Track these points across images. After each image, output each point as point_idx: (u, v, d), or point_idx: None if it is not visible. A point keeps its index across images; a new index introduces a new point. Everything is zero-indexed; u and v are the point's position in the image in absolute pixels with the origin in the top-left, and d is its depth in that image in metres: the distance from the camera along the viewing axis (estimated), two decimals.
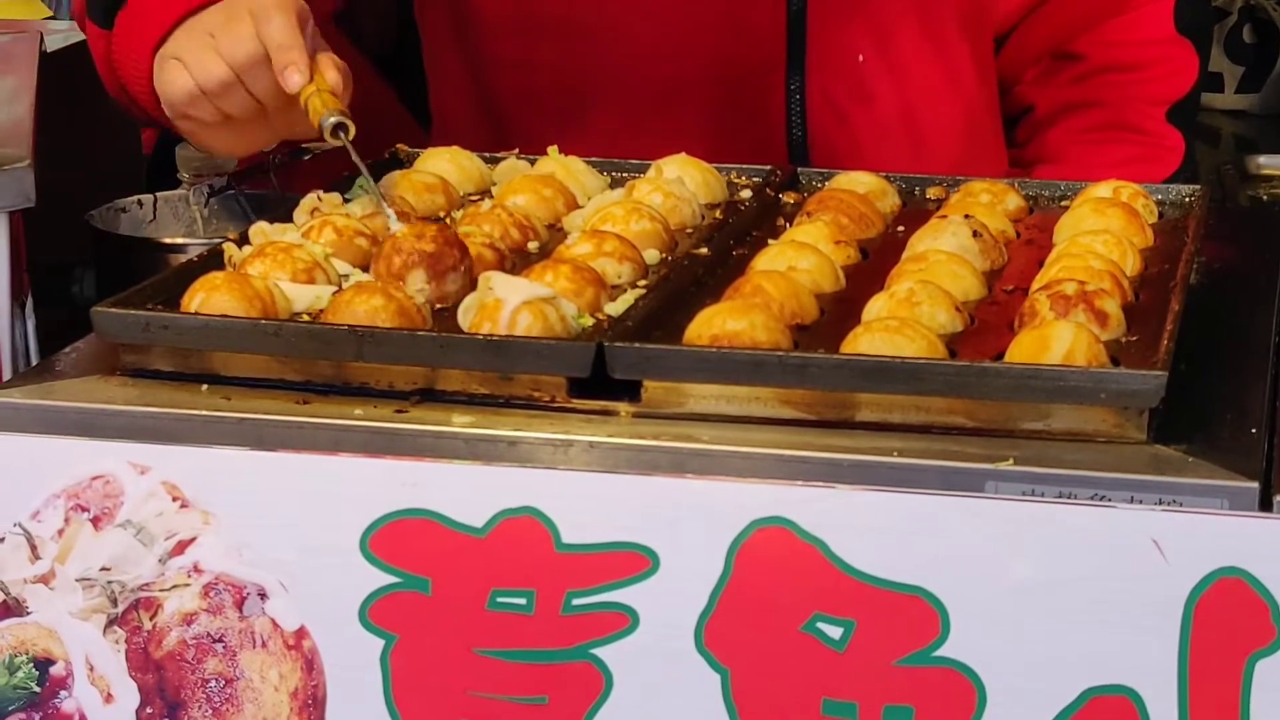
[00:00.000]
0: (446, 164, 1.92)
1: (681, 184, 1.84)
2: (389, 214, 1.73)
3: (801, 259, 1.64)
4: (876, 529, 1.26)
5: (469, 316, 1.54)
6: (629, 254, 1.67)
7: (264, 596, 1.33)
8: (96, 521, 1.35)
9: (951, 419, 1.44)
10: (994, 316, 1.58)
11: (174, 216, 2.39)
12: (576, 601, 1.29)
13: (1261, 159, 3.34)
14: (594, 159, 1.93)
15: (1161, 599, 1.23)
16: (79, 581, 1.35)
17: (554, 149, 1.93)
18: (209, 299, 1.55)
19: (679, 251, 1.72)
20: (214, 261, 1.66)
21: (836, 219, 1.77)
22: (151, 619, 1.35)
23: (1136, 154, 2.26)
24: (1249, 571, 1.22)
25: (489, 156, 1.96)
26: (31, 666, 1.36)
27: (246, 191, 2.35)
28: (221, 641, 1.34)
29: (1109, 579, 1.24)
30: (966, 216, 1.71)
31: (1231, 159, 3.40)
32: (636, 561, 1.29)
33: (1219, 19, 3.70)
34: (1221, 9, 3.73)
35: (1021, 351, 1.46)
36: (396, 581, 1.32)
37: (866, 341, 1.48)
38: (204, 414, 1.49)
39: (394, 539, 1.32)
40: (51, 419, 1.50)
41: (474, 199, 1.88)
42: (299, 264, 1.62)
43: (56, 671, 1.36)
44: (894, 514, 1.26)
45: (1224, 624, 1.23)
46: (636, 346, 1.48)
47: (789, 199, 1.89)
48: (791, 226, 1.77)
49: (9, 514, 1.36)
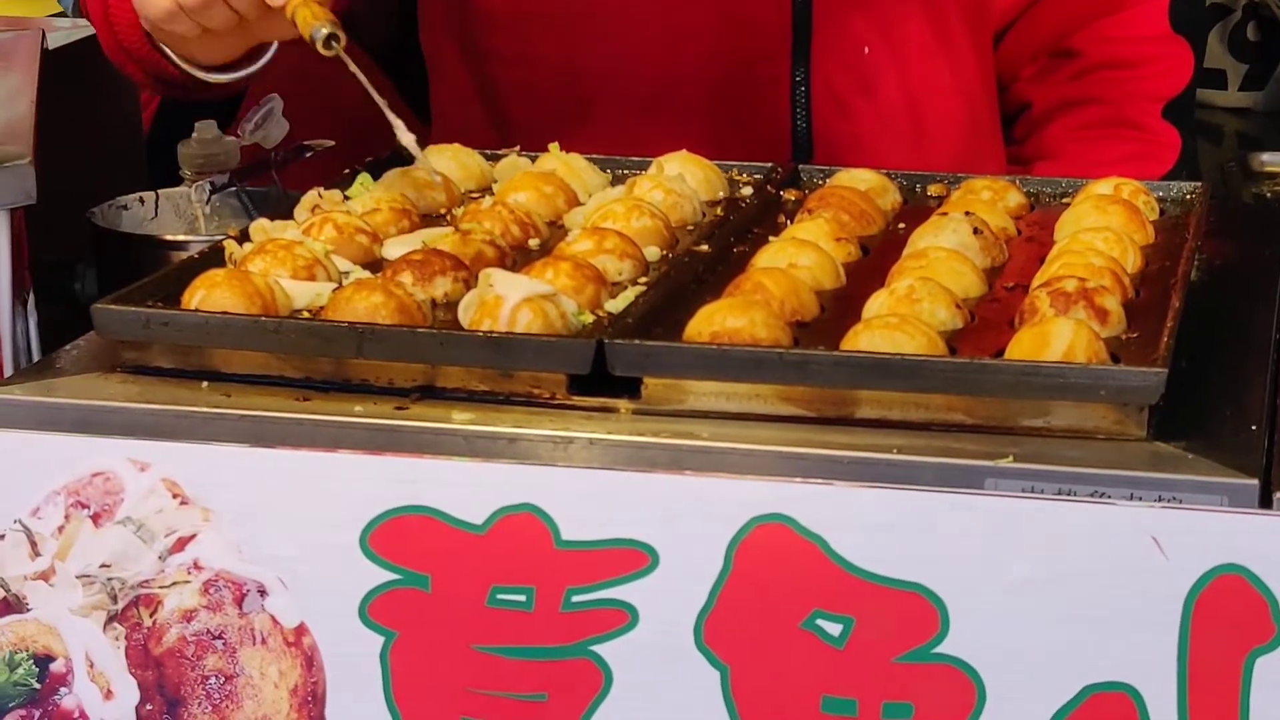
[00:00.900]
0: (448, 161, 1.92)
1: (682, 181, 1.84)
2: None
3: (802, 256, 1.64)
4: (876, 526, 1.26)
5: (469, 313, 1.54)
6: (630, 251, 1.67)
7: (264, 593, 1.34)
8: (96, 518, 1.35)
9: (951, 416, 1.44)
10: (994, 313, 1.58)
11: (175, 214, 2.38)
12: (576, 598, 1.29)
13: (1264, 156, 3.34)
14: (595, 156, 1.93)
15: (1161, 596, 1.23)
16: (79, 578, 1.35)
17: (555, 146, 1.93)
18: (209, 296, 1.55)
19: (680, 248, 1.72)
20: (214, 258, 1.66)
21: (837, 216, 1.76)
22: (151, 616, 1.35)
23: (1134, 151, 2.26)
24: (1249, 568, 1.22)
25: (490, 154, 1.96)
26: (31, 663, 1.36)
27: (248, 188, 2.35)
28: (221, 638, 1.34)
29: (1109, 576, 1.24)
30: (967, 214, 1.71)
31: (1234, 156, 3.40)
32: (636, 558, 1.29)
33: (1223, 16, 3.70)
34: (1225, 6, 3.72)
35: (1022, 348, 1.46)
36: (396, 578, 1.32)
37: (867, 338, 1.48)
38: (204, 411, 1.49)
39: (394, 536, 1.32)
40: (52, 416, 1.50)
41: (475, 196, 1.88)
42: (299, 261, 1.62)
43: (56, 668, 1.36)
44: (894, 511, 1.26)
45: (1224, 621, 1.23)
46: (637, 343, 1.49)
47: (790, 196, 1.89)
48: (792, 223, 1.77)
49: (9, 511, 1.36)
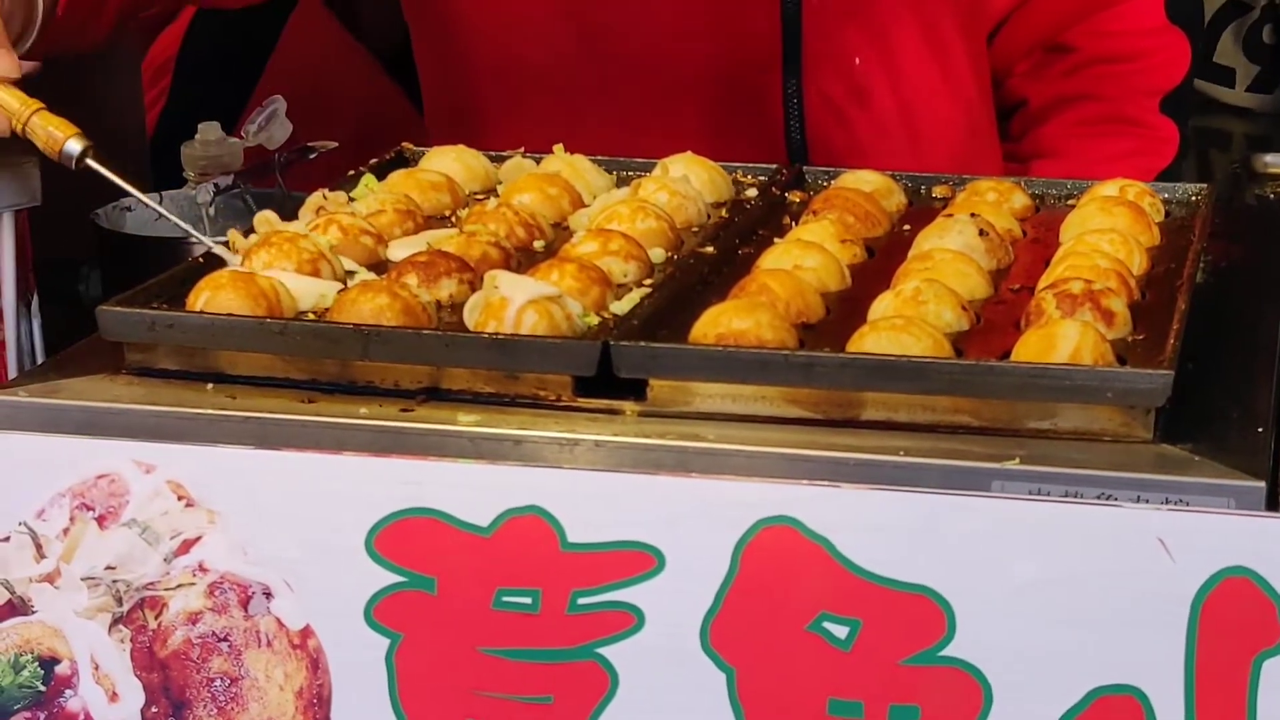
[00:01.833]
0: (452, 162, 1.92)
1: (687, 183, 1.84)
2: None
3: (807, 258, 1.64)
4: (882, 528, 1.26)
5: (474, 315, 1.54)
6: (634, 253, 1.67)
7: (269, 595, 1.33)
8: (102, 520, 1.35)
9: (957, 418, 1.44)
10: (1000, 315, 1.57)
11: (179, 215, 2.39)
12: (582, 601, 1.29)
13: (1268, 157, 3.33)
14: (600, 157, 1.93)
15: (1168, 598, 1.23)
16: (84, 580, 1.35)
17: (559, 147, 1.93)
18: (214, 297, 1.55)
19: (684, 250, 1.72)
20: (219, 260, 1.66)
21: (842, 218, 1.76)
22: (156, 618, 1.35)
23: (1132, 147, 2.26)
24: (1256, 571, 1.22)
25: (495, 155, 1.96)
26: (36, 665, 1.36)
27: (252, 190, 2.36)
28: (226, 640, 1.34)
29: (1115, 578, 1.23)
30: (973, 215, 1.71)
31: (1240, 158, 3.39)
32: (642, 560, 1.29)
33: (1240, 14, 3.69)
34: (1245, 4, 3.72)
35: (1028, 350, 1.46)
36: (402, 580, 1.32)
37: (872, 340, 1.47)
38: (209, 413, 1.49)
39: (399, 538, 1.32)
40: (57, 418, 1.50)
41: (479, 198, 1.88)
42: (304, 254, 1.62)
43: (61, 671, 1.36)
44: (900, 513, 1.26)
45: (1231, 624, 1.23)
46: (642, 345, 1.48)
47: (795, 197, 1.89)
48: (797, 225, 1.77)
49: (14, 513, 1.36)
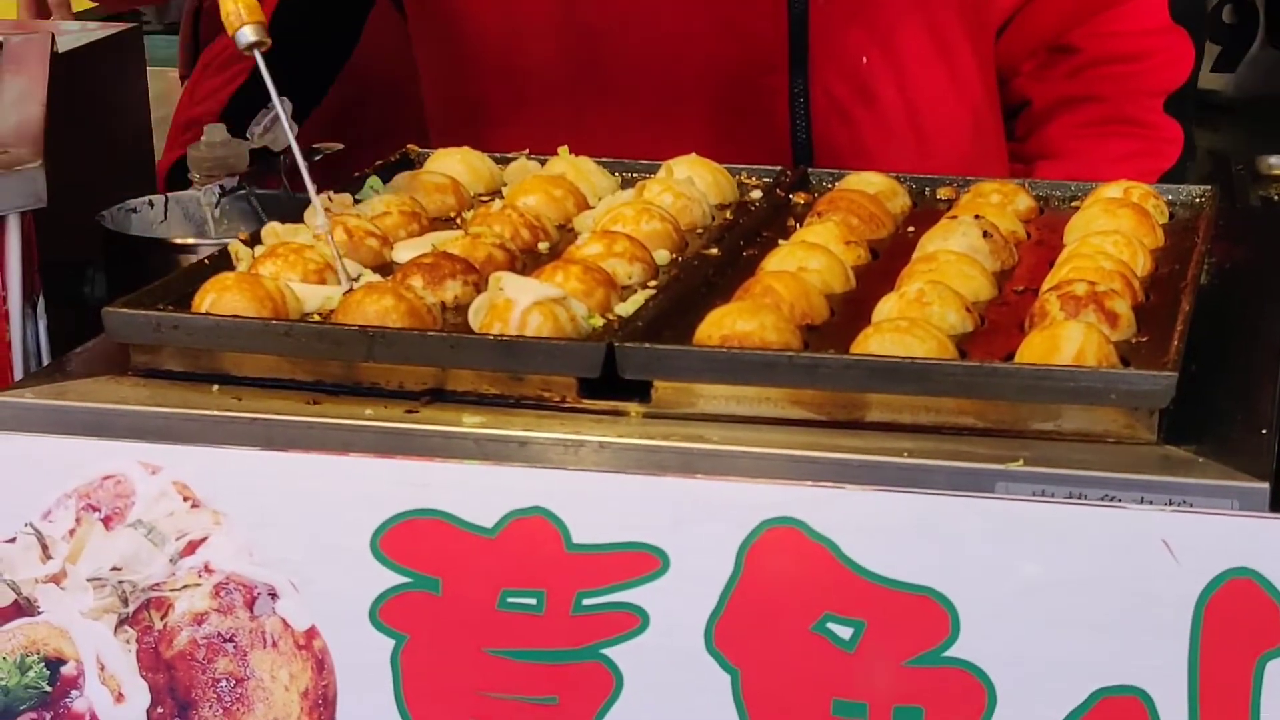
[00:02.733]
0: (457, 164, 1.92)
1: (692, 184, 1.84)
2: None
3: (812, 259, 1.64)
4: (887, 529, 1.26)
5: (479, 317, 1.54)
6: (639, 254, 1.67)
7: (274, 596, 1.34)
8: (108, 521, 1.35)
9: (961, 419, 1.44)
10: (1004, 317, 1.58)
11: (185, 217, 2.39)
12: (586, 601, 1.29)
13: (1272, 159, 3.34)
14: (605, 159, 1.93)
15: (1172, 600, 1.23)
16: (90, 581, 1.36)
17: (564, 149, 1.93)
18: (220, 299, 1.56)
19: (689, 252, 1.72)
20: (224, 262, 1.67)
21: (847, 219, 1.76)
22: (162, 619, 1.35)
23: (1137, 148, 2.26)
24: (1259, 572, 1.22)
25: (499, 157, 1.96)
26: (43, 666, 1.36)
27: (258, 192, 2.36)
28: (232, 641, 1.34)
29: (1119, 580, 1.23)
30: (977, 217, 1.71)
31: (1244, 160, 3.40)
32: (646, 562, 1.29)
33: None
34: None
35: (1032, 352, 1.46)
36: (407, 581, 1.32)
37: (876, 342, 1.48)
38: (215, 414, 1.49)
39: (404, 539, 1.32)
40: (63, 419, 1.50)
41: (484, 199, 1.89)
42: (310, 265, 1.62)
43: (67, 671, 1.36)
44: (904, 514, 1.26)
45: (1234, 625, 1.23)
46: (647, 347, 1.49)
47: (799, 199, 1.89)
48: (802, 227, 1.77)
49: (20, 514, 1.36)
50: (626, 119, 2.16)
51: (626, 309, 1.58)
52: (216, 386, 1.53)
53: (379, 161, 1.94)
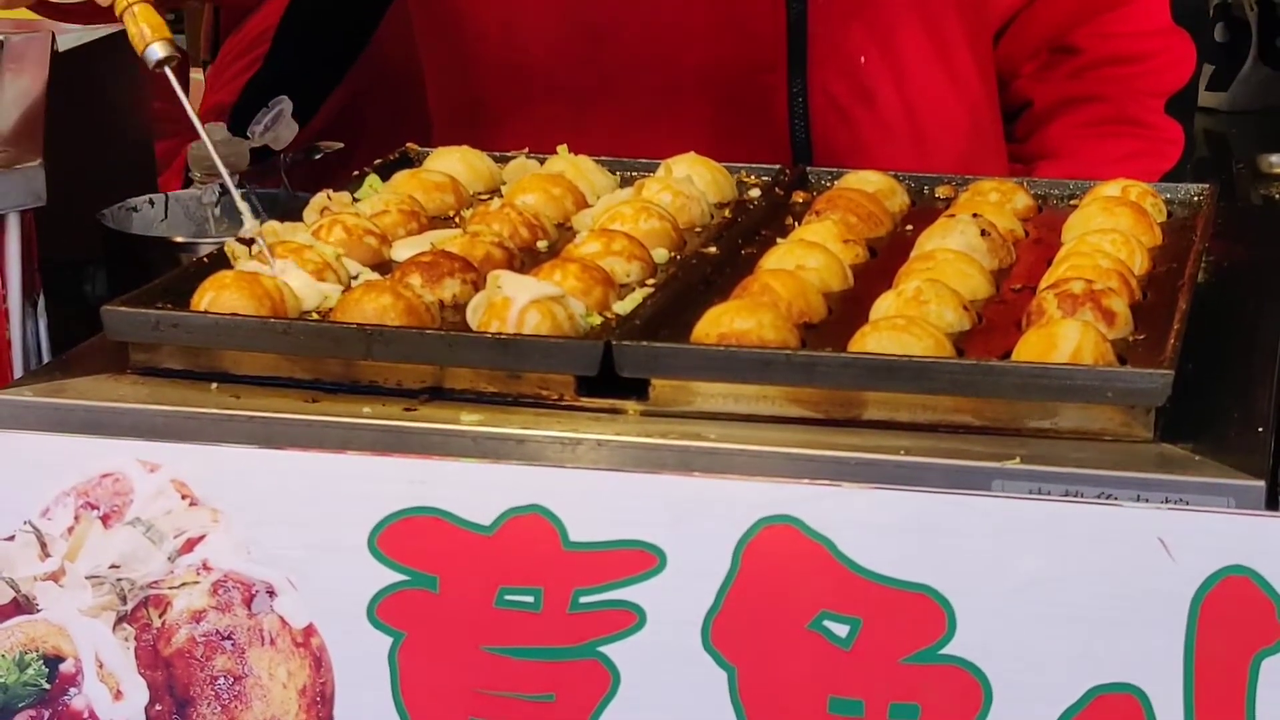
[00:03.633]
0: (456, 163, 1.92)
1: (690, 183, 1.84)
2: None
3: (810, 258, 1.64)
4: (883, 527, 1.26)
5: (478, 315, 1.54)
6: (637, 253, 1.67)
7: (272, 594, 1.34)
8: (106, 519, 1.36)
9: (958, 417, 1.44)
10: (1002, 315, 1.58)
11: (185, 216, 2.39)
12: (584, 599, 1.30)
13: (1273, 158, 3.35)
14: (603, 158, 1.93)
15: (1168, 597, 1.23)
16: (88, 579, 1.36)
17: (563, 148, 1.93)
18: (218, 297, 1.56)
19: (687, 250, 1.73)
20: (223, 260, 1.67)
21: (845, 218, 1.77)
22: (161, 616, 1.35)
23: (1137, 148, 2.26)
24: (1255, 570, 1.22)
25: (498, 155, 1.96)
26: (41, 664, 1.36)
27: (257, 191, 2.36)
28: (230, 639, 1.34)
29: (1115, 577, 1.24)
30: (975, 215, 1.71)
31: (1244, 158, 3.41)
32: (644, 559, 1.29)
33: None
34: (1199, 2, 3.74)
35: (1029, 350, 1.46)
36: (404, 579, 1.32)
37: (874, 340, 1.48)
38: (213, 412, 1.50)
39: (402, 537, 1.32)
40: (61, 417, 1.50)
41: (483, 198, 1.89)
42: (309, 265, 1.63)
43: (66, 669, 1.36)
44: (901, 512, 1.26)
45: (1230, 622, 1.23)
46: (644, 345, 1.49)
47: (798, 198, 1.89)
48: (800, 225, 1.77)
49: (19, 511, 1.37)
50: (626, 117, 2.16)
51: (624, 307, 1.58)
52: (215, 385, 1.53)
53: (378, 160, 1.94)
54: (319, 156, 2.56)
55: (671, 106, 2.14)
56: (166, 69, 1.74)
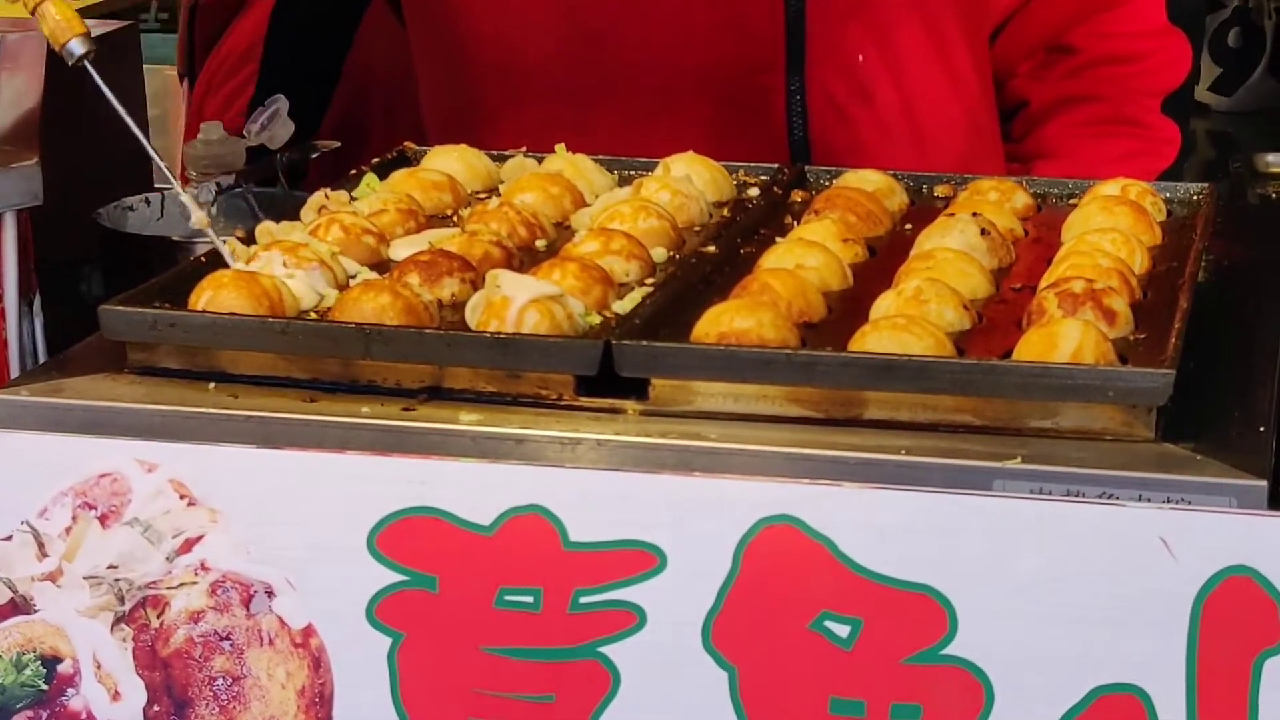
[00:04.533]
0: (454, 162, 1.92)
1: (689, 182, 1.84)
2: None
3: (809, 257, 1.64)
4: (884, 527, 1.26)
5: (477, 314, 1.54)
6: (636, 252, 1.67)
7: (271, 594, 1.33)
8: (104, 519, 1.35)
9: (959, 417, 1.44)
10: (1002, 315, 1.58)
11: (182, 215, 2.38)
12: (584, 600, 1.29)
13: (1270, 157, 3.35)
14: (602, 157, 1.93)
15: (1170, 597, 1.23)
16: (86, 579, 1.35)
17: (561, 147, 1.93)
18: (216, 297, 1.55)
19: (686, 249, 1.72)
20: (221, 259, 1.66)
21: (844, 217, 1.76)
22: (159, 617, 1.35)
23: (1134, 148, 2.26)
24: (1257, 570, 1.22)
25: (497, 154, 1.96)
26: (39, 664, 1.36)
27: (254, 190, 2.35)
28: (229, 639, 1.34)
29: (1117, 577, 1.23)
30: (974, 215, 1.71)
31: (1241, 157, 3.41)
32: (644, 560, 1.29)
33: (1211, 11, 3.70)
34: (1219, 2, 3.73)
35: (1029, 349, 1.46)
36: (404, 579, 1.32)
37: (874, 339, 1.48)
38: (211, 412, 1.49)
39: (401, 537, 1.32)
40: (59, 417, 1.50)
41: (481, 197, 1.88)
42: (305, 263, 1.62)
43: (64, 669, 1.36)
44: (902, 512, 1.26)
45: (1232, 623, 1.23)
46: (644, 344, 1.48)
47: (797, 197, 1.89)
48: (799, 224, 1.77)
49: (16, 512, 1.36)
50: (624, 117, 2.16)
51: (624, 307, 1.58)
52: (213, 384, 1.53)
53: (375, 159, 1.94)
54: (315, 156, 2.55)
55: (670, 107, 2.14)
56: (86, 63, 1.74)
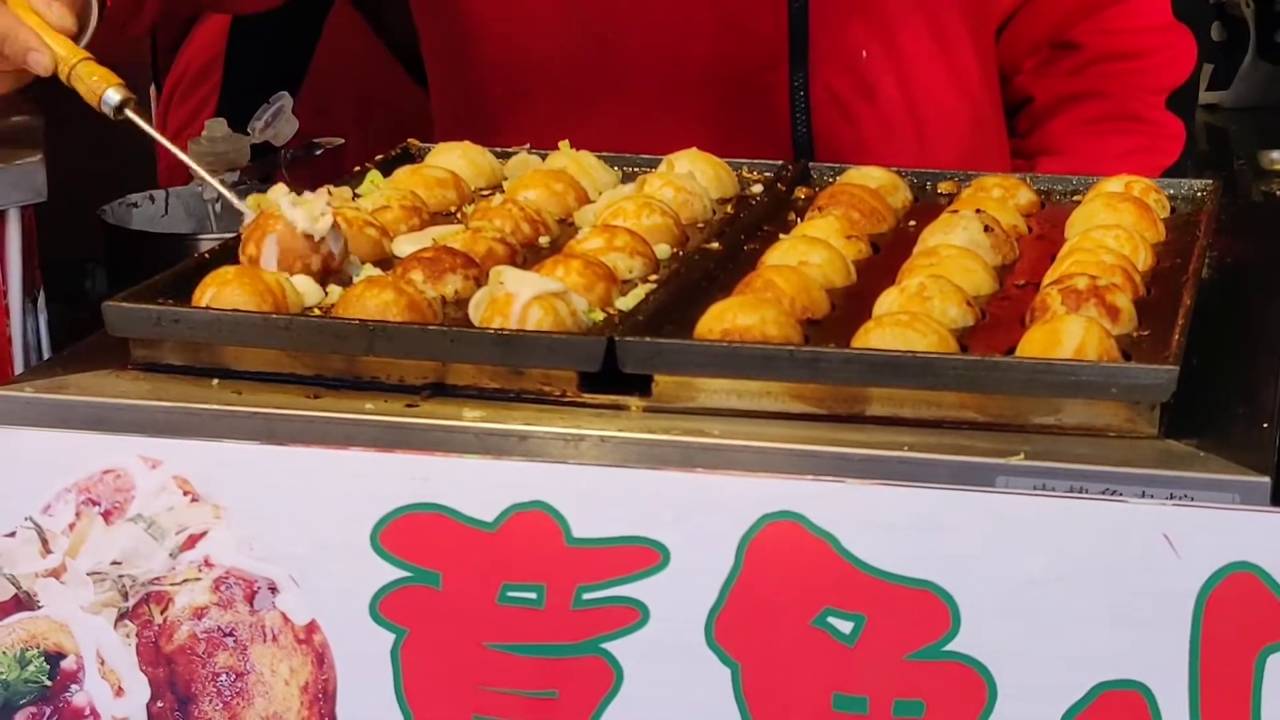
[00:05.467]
0: (458, 159, 1.92)
1: (693, 179, 1.84)
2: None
3: (813, 254, 1.64)
4: (887, 523, 1.26)
5: (480, 311, 1.54)
6: (640, 249, 1.67)
7: (275, 590, 1.34)
8: (108, 515, 1.36)
9: (963, 413, 1.44)
10: (1005, 311, 1.57)
11: (186, 212, 2.39)
12: (587, 596, 1.29)
13: (1274, 154, 3.35)
14: (605, 153, 1.93)
15: (1173, 594, 1.23)
16: (90, 575, 1.36)
17: (565, 143, 1.93)
18: (220, 293, 1.55)
19: (690, 246, 1.72)
20: (225, 256, 1.66)
21: (848, 214, 1.76)
22: (162, 613, 1.35)
23: (1139, 144, 2.26)
24: (1260, 566, 1.22)
25: (500, 151, 1.96)
26: (43, 660, 1.36)
27: (258, 187, 2.36)
28: (232, 635, 1.34)
29: (1120, 574, 1.24)
30: (978, 211, 1.71)
31: (1245, 155, 3.41)
32: (647, 556, 1.29)
33: None
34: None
35: (1033, 346, 1.46)
36: (407, 576, 1.32)
37: (877, 336, 1.48)
38: (215, 408, 1.49)
39: (405, 533, 1.32)
40: (63, 413, 1.50)
41: (485, 194, 1.88)
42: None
43: (67, 665, 1.36)
44: (905, 508, 1.26)
45: (1235, 619, 1.23)
46: (647, 341, 1.48)
47: (800, 194, 1.89)
48: (803, 221, 1.77)
49: (20, 508, 1.36)
50: (629, 114, 2.16)
51: (627, 303, 1.58)
52: (217, 380, 1.53)
53: (379, 156, 1.94)
54: (319, 153, 2.56)
55: (674, 104, 2.14)
56: (127, 111, 1.75)
